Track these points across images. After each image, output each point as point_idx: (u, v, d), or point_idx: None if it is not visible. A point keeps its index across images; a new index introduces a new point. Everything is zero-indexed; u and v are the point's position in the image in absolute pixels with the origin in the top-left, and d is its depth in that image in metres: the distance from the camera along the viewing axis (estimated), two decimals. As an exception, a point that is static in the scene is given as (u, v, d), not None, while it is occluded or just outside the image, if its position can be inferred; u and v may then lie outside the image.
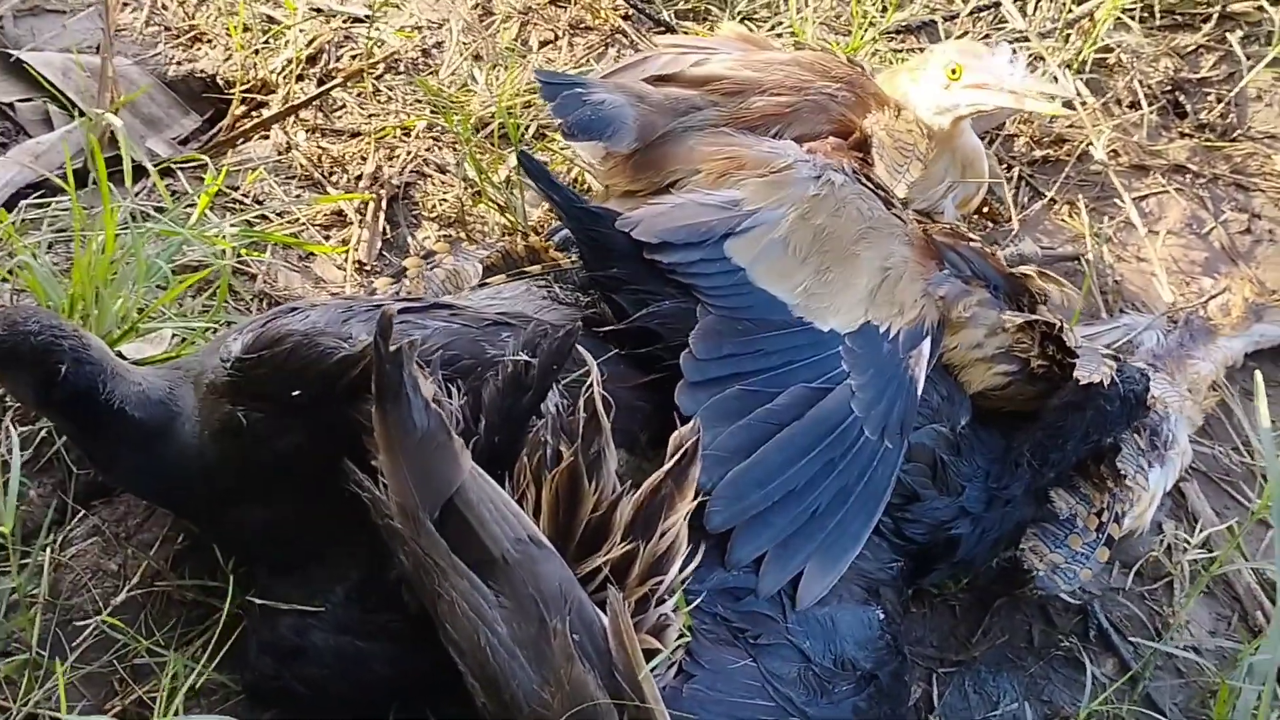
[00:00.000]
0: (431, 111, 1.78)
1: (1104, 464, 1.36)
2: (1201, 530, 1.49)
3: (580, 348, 1.14)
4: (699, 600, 1.13)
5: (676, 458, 1.10)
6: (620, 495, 1.09)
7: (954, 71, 1.47)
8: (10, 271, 1.43)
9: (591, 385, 1.11)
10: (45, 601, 1.27)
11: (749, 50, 1.50)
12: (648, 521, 1.09)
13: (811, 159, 1.33)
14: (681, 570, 1.10)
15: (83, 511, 1.35)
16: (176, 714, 1.21)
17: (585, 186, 1.64)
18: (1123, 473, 1.35)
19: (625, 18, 1.98)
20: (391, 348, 1.03)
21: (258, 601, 1.20)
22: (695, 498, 1.10)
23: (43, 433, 1.37)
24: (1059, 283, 1.34)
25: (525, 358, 1.12)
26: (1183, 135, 1.93)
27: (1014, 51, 1.50)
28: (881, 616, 1.23)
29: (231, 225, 1.56)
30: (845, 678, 1.18)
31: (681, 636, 1.11)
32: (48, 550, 1.30)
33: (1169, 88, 1.98)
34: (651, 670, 1.06)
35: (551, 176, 1.26)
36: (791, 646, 1.16)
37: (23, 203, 1.59)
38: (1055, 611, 1.44)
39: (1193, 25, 2.07)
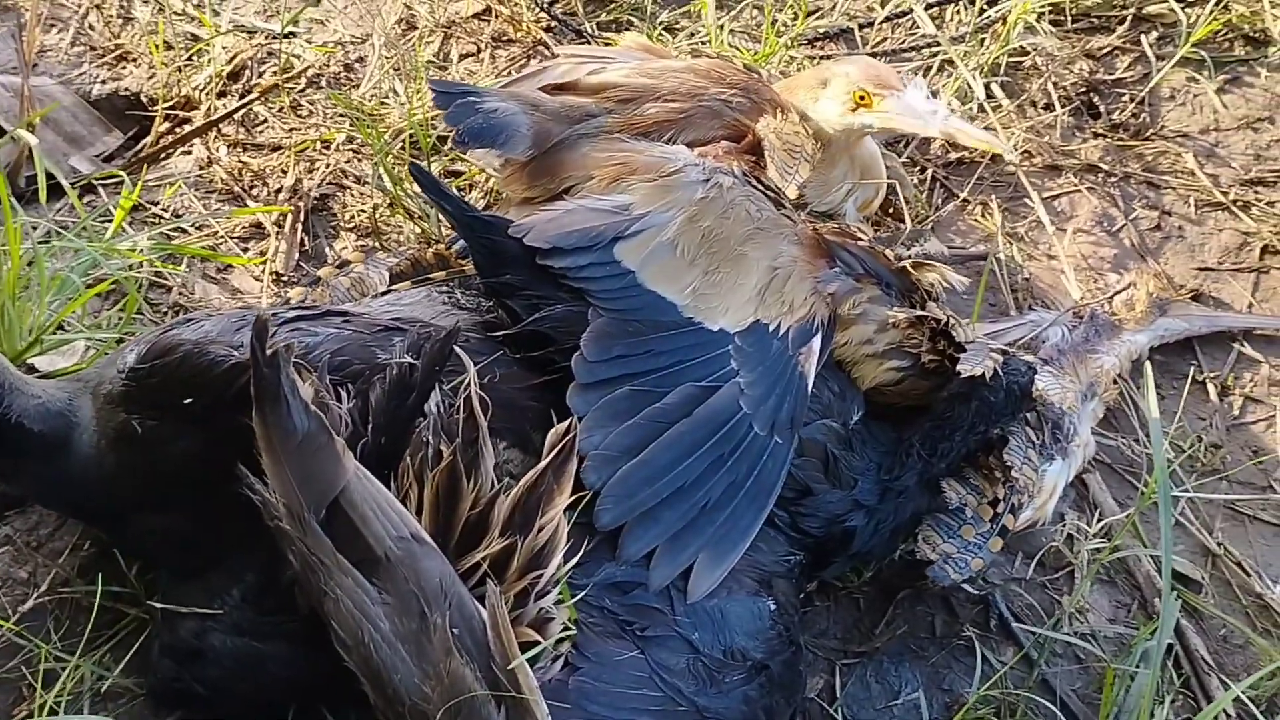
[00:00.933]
0: (350, 125, 1.82)
1: (992, 456, 1.39)
2: (1101, 520, 1.52)
3: (460, 350, 1.16)
4: (585, 594, 1.15)
5: (554, 454, 1.13)
6: (498, 492, 1.12)
7: (861, 98, 1.50)
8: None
9: (469, 386, 1.13)
10: (-46, 609, 1.30)
11: (647, 59, 1.54)
12: (526, 517, 1.11)
13: (701, 163, 1.36)
14: (564, 564, 1.13)
15: (-5, 522, 1.37)
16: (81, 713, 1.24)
17: (499, 194, 1.67)
18: (1009, 464, 1.37)
19: (547, 30, 2.02)
20: (268, 352, 1.06)
21: (159, 605, 1.22)
22: (573, 493, 1.12)
23: (-47, 444, 1.39)
24: (939, 270, 1.36)
25: (409, 360, 1.15)
26: (1096, 135, 1.97)
27: (927, 87, 1.54)
28: (773, 607, 1.25)
29: (148, 239, 1.59)
30: (735, 668, 1.20)
31: (565, 630, 1.13)
32: (-42, 559, 1.33)
33: (1083, 89, 2.02)
34: (535, 664, 1.09)
35: (442, 186, 1.29)
36: (679, 638, 1.18)
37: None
38: (958, 602, 1.46)
39: (1108, 28, 2.12)
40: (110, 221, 1.62)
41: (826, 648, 1.42)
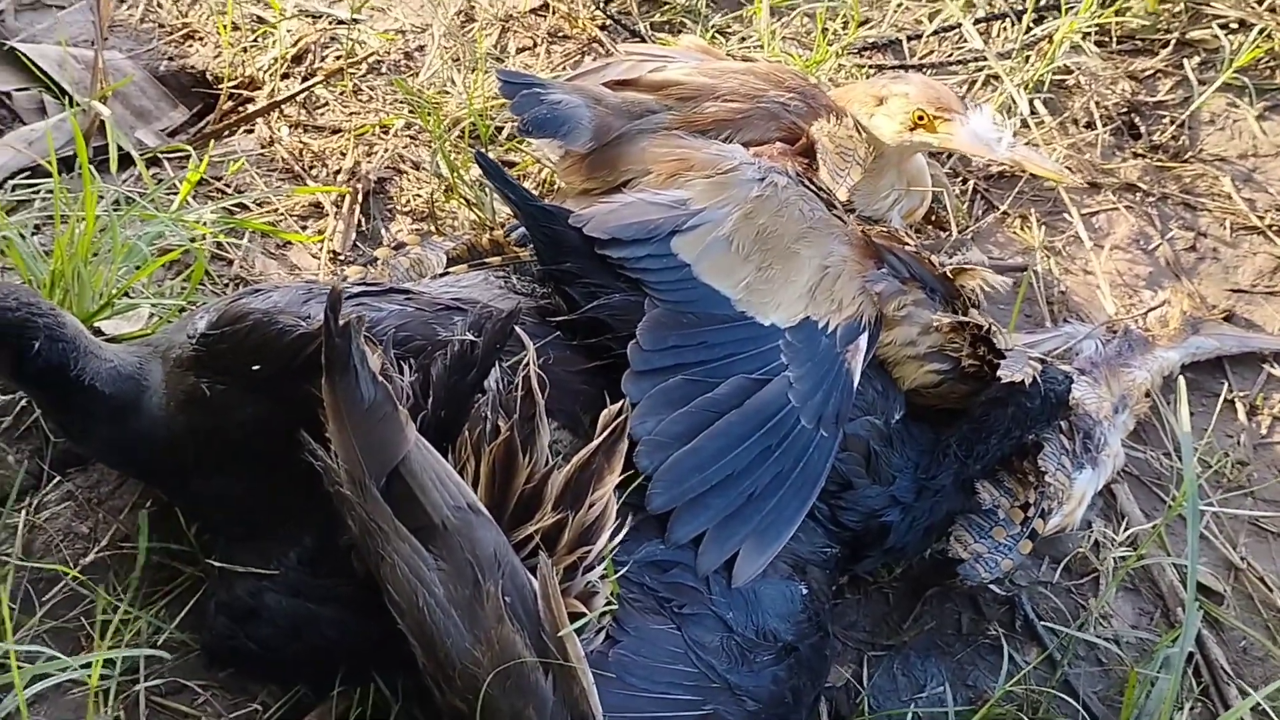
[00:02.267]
0: (410, 111, 1.86)
1: (1026, 460, 1.43)
2: (1128, 529, 1.56)
3: (521, 331, 1.21)
4: (626, 569, 1.19)
5: (605, 434, 1.17)
6: (552, 468, 1.16)
7: (920, 118, 1.54)
8: (-2, 249, 1.51)
9: (528, 365, 1.17)
10: (18, 560, 1.34)
11: (706, 59, 1.58)
12: (577, 493, 1.15)
13: (757, 162, 1.40)
14: (610, 541, 1.17)
15: (58, 478, 1.42)
16: (138, 670, 1.28)
17: (555, 185, 1.72)
18: (1043, 469, 1.41)
19: (602, 28, 2.06)
20: (340, 323, 1.10)
21: (217, 564, 1.27)
22: (622, 472, 1.17)
23: (22, 402, 1.44)
24: (980, 276, 1.40)
25: (471, 338, 1.19)
26: (1135, 155, 2.01)
27: (993, 114, 1.58)
28: (805, 592, 1.29)
29: (212, 212, 1.64)
30: (766, 648, 1.24)
31: (609, 604, 1.18)
32: (23, 513, 1.37)
33: (1125, 109, 2.06)
34: (579, 634, 1.13)
35: (506, 175, 1.33)
36: (715, 616, 1.22)
37: (9, 183, 1.68)
38: (984, 602, 1.50)
39: (1151, 50, 2.15)
40: (174, 195, 1.67)
41: (855, 639, 1.45)
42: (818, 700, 1.33)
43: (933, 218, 1.77)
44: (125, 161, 1.69)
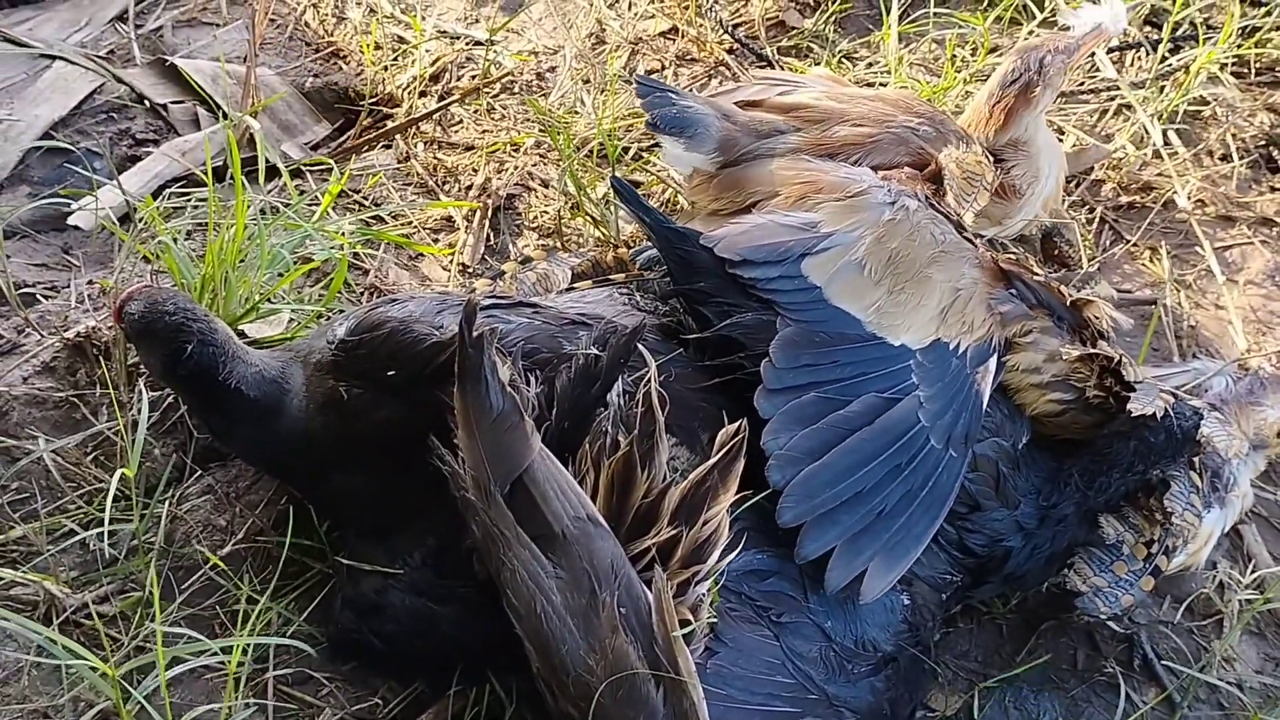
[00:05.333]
0: (540, 130, 1.91)
1: (1153, 498, 1.40)
2: (1255, 571, 1.52)
3: (643, 348, 1.24)
4: (726, 578, 1.20)
5: (722, 453, 1.19)
6: (670, 484, 1.18)
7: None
8: (154, 252, 1.59)
9: (649, 382, 1.20)
10: (160, 548, 1.41)
11: (834, 86, 1.59)
12: (692, 509, 1.17)
13: (886, 185, 1.41)
14: (722, 558, 1.18)
15: (199, 471, 1.49)
16: (267, 659, 1.34)
17: (679, 205, 1.75)
18: (1170, 510, 1.38)
19: (729, 51, 2.09)
20: (474, 334, 1.14)
21: (345, 561, 1.32)
22: (739, 490, 1.18)
23: (169, 399, 1.52)
24: (1105, 310, 1.39)
25: (595, 352, 1.23)
26: (1273, 189, 1.95)
27: None
28: (906, 602, 1.29)
29: (350, 224, 1.71)
30: (865, 658, 1.24)
31: (712, 618, 1.19)
32: (166, 504, 1.44)
33: (1263, 142, 2.01)
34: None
35: (642, 200, 1.37)
36: (813, 625, 1.23)
37: (167, 192, 1.77)
38: (1101, 638, 1.48)
39: (1292, 82, 2.09)
40: (315, 206, 1.74)
41: (967, 669, 1.44)
42: (914, 713, 1.32)
43: (1055, 252, 1.75)
44: (271, 173, 1.77)
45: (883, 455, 1.26)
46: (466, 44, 2.07)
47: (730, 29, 2.11)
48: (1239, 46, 2.05)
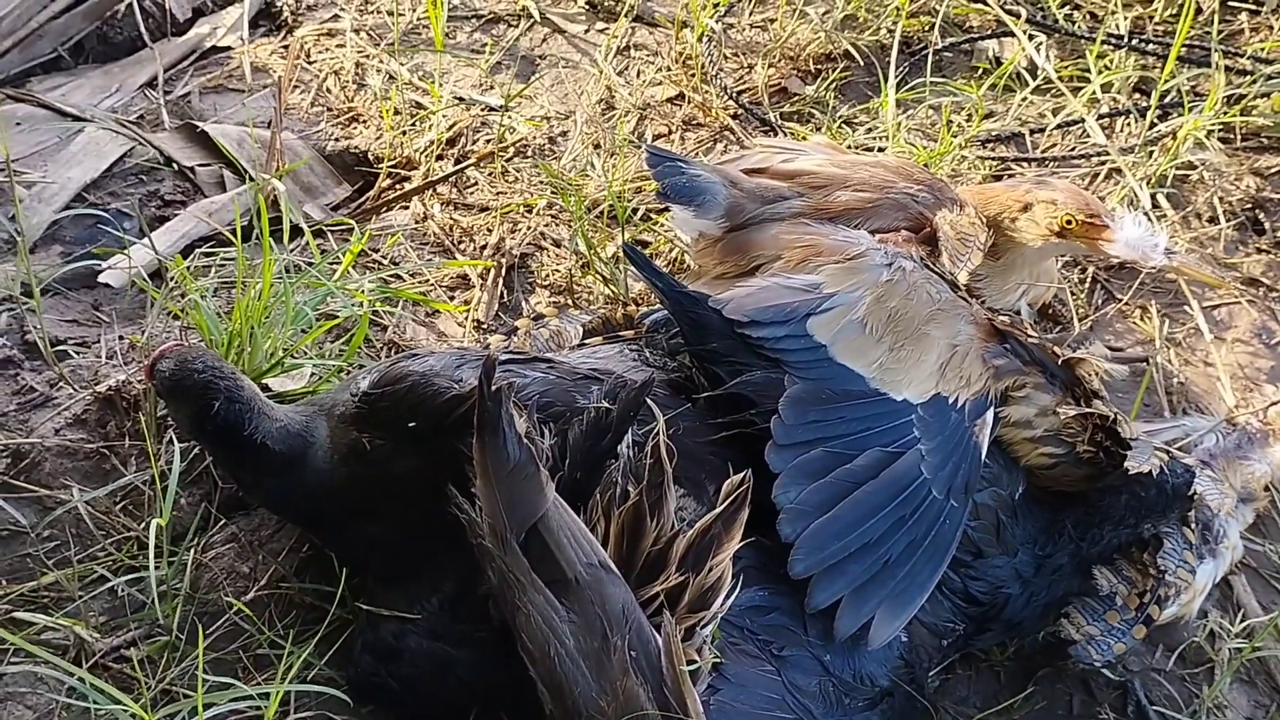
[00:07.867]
0: (552, 192, 1.99)
1: (1146, 553, 1.45)
2: (1245, 620, 1.56)
3: (652, 401, 1.30)
4: (728, 614, 1.24)
5: (726, 503, 1.25)
6: (677, 533, 1.24)
7: (1068, 223, 1.60)
8: (182, 310, 1.66)
9: (658, 434, 1.26)
10: (186, 594, 1.46)
11: (835, 153, 1.67)
12: (699, 557, 1.23)
13: (883, 247, 1.48)
14: (725, 603, 1.23)
15: (224, 520, 1.55)
16: (288, 702, 1.39)
17: (685, 264, 1.82)
18: (1163, 569, 1.44)
19: (734, 117, 2.17)
20: (493, 388, 1.20)
21: (364, 607, 1.38)
22: (740, 539, 1.24)
23: (195, 450, 1.58)
24: (1096, 364, 1.45)
25: (606, 405, 1.29)
26: (1259, 251, 2.02)
27: (1142, 220, 1.62)
28: (905, 640, 1.34)
29: (370, 282, 1.78)
30: (863, 692, 1.30)
31: (716, 657, 1.24)
32: (192, 551, 1.50)
33: (1249, 205, 2.08)
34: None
35: (654, 266, 1.43)
36: (812, 658, 1.28)
37: (196, 252, 1.85)
38: (1096, 685, 1.52)
39: (1276, 148, 2.17)
40: (337, 264, 1.81)
41: (965, 715, 1.49)
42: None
43: (1049, 311, 1.81)
44: (294, 232, 1.84)
45: (888, 507, 1.32)
46: (482, 110, 2.16)
47: (734, 95, 2.19)
48: (1225, 114, 2.12)
